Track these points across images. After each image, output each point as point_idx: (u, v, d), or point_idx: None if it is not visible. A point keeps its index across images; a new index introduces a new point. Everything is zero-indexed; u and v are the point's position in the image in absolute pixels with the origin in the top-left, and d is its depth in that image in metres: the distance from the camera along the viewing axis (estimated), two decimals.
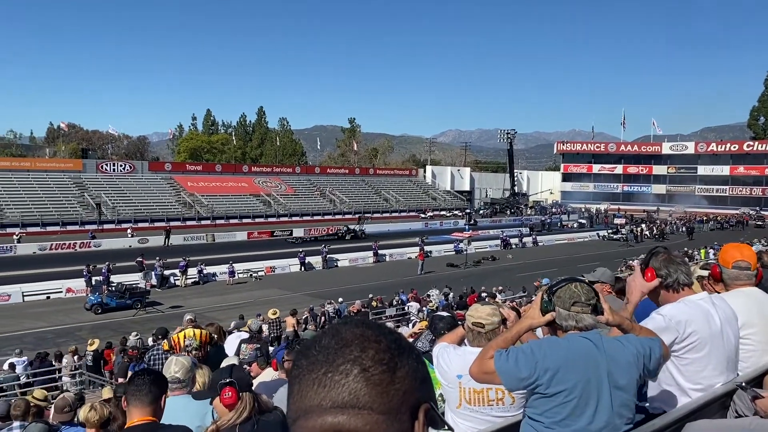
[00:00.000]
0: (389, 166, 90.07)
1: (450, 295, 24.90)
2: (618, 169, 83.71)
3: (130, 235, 43.14)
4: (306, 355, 0.82)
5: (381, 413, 0.76)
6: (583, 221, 62.66)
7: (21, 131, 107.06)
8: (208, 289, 30.05)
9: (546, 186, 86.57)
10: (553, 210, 72.36)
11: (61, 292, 27.86)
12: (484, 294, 23.02)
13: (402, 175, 78.07)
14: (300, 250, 36.70)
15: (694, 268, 4.01)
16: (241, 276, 32.09)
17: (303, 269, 35.33)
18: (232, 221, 53.16)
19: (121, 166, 57.55)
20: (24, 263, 33.06)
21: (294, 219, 56.27)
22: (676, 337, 2.57)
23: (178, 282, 30.52)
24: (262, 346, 7.86)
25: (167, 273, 30.37)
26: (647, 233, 52.22)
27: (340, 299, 23.50)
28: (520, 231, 51.47)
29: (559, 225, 60.33)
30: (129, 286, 26.96)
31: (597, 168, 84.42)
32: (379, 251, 39.09)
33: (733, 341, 2.72)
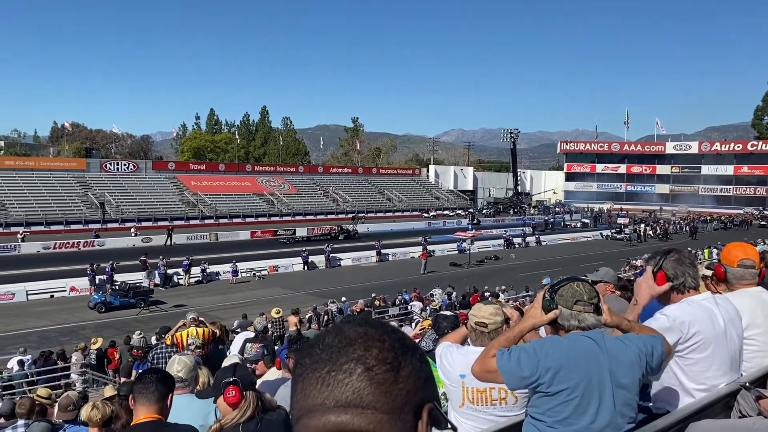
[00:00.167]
0: (392, 165, 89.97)
1: (453, 295, 24.89)
2: (621, 169, 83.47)
3: (133, 234, 43.24)
4: (309, 354, 0.81)
5: (384, 412, 0.76)
6: (587, 221, 62.56)
7: (25, 130, 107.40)
8: (211, 288, 30.08)
9: (549, 185, 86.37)
10: (556, 210, 72.24)
11: (65, 290, 27.93)
12: (487, 293, 23.00)
13: (405, 175, 78.01)
14: (303, 249, 36.70)
15: (699, 267, 3.98)
16: (244, 275, 32.10)
17: (306, 268, 35.31)
18: (235, 220, 53.20)
19: (125, 165, 57.67)
20: (28, 262, 33.16)
21: (297, 218, 56.28)
22: (679, 338, 2.56)
23: (181, 281, 30.57)
24: (267, 345, 7.87)
25: (170, 272, 30.39)
26: (650, 233, 52.08)
27: (343, 298, 23.49)
28: (523, 230, 51.34)
29: (562, 224, 60.22)
30: (132, 285, 26.96)
31: (600, 167, 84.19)
32: (382, 251, 39.08)
33: (737, 341, 2.71)
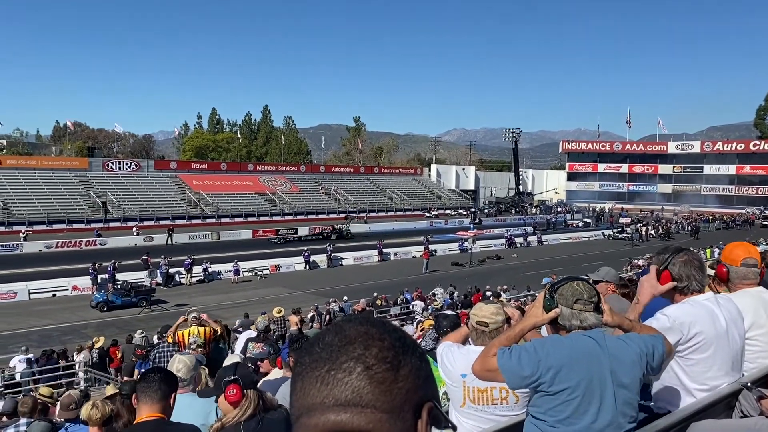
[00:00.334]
0: (394, 165, 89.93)
1: (455, 294, 24.88)
2: (623, 168, 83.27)
3: (135, 234, 43.25)
4: (309, 352, 0.81)
5: (384, 412, 0.75)
6: (588, 220, 62.50)
7: (27, 130, 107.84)
8: (213, 288, 30.10)
9: (551, 185, 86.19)
10: (558, 209, 72.20)
11: (67, 289, 27.94)
12: (488, 293, 23.00)
13: (407, 174, 77.96)
14: (305, 248, 36.71)
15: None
16: (246, 274, 32.13)
17: (308, 268, 35.32)
18: (237, 220, 53.22)
19: (127, 164, 57.75)
20: (30, 261, 33.22)
21: (299, 218, 56.29)
22: (680, 338, 2.55)
23: (183, 280, 30.57)
24: (272, 344, 7.89)
25: (172, 271, 30.39)
26: (653, 233, 52.00)
27: (344, 298, 23.51)
28: (524, 230, 51.29)
29: (564, 224, 60.17)
30: (134, 284, 26.99)
31: (602, 167, 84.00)
32: (384, 250, 39.07)
33: (739, 342, 2.70)
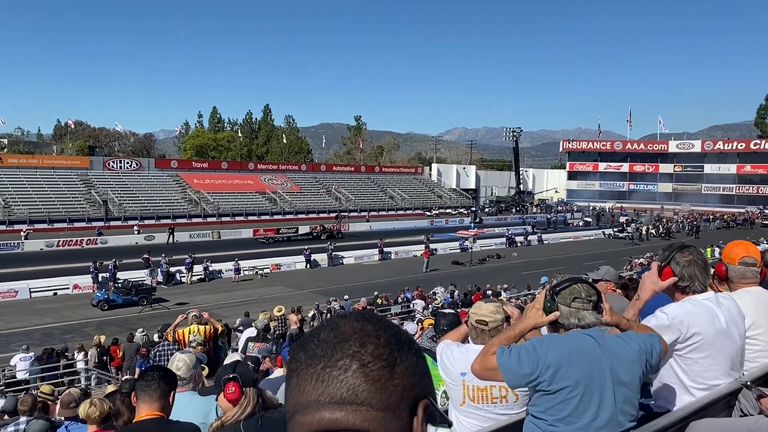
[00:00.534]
0: (395, 164, 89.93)
1: (455, 293, 24.87)
2: (624, 168, 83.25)
3: (136, 232, 43.31)
4: (305, 349, 0.80)
5: (379, 409, 0.74)
6: (589, 219, 62.47)
7: (28, 128, 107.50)
8: (213, 286, 30.11)
9: (552, 184, 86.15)
10: (559, 208, 72.21)
11: (68, 288, 27.96)
12: (489, 292, 22.98)
13: (408, 173, 77.98)
14: (306, 247, 36.70)
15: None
16: (247, 273, 32.14)
17: (309, 266, 35.32)
18: (237, 218, 53.21)
19: (128, 163, 57.79)
20: (31, 260, 33.22)
21: (300, 216, 56.26)
22: (678, 337, 2.54)
23: (183, 279, 30.60)
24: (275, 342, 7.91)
25: (173, 270, 30.40)
26: (653, 232, 51.95)
27: (345, 296, 23.50)
28: (525, 229, 51.24)
29: (565, 223, 60.13)
30: (135, 282, 27.00)
31: (603, 166, 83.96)
32: (385, 249, 39.08)
33: (738, 341, 2.68)
